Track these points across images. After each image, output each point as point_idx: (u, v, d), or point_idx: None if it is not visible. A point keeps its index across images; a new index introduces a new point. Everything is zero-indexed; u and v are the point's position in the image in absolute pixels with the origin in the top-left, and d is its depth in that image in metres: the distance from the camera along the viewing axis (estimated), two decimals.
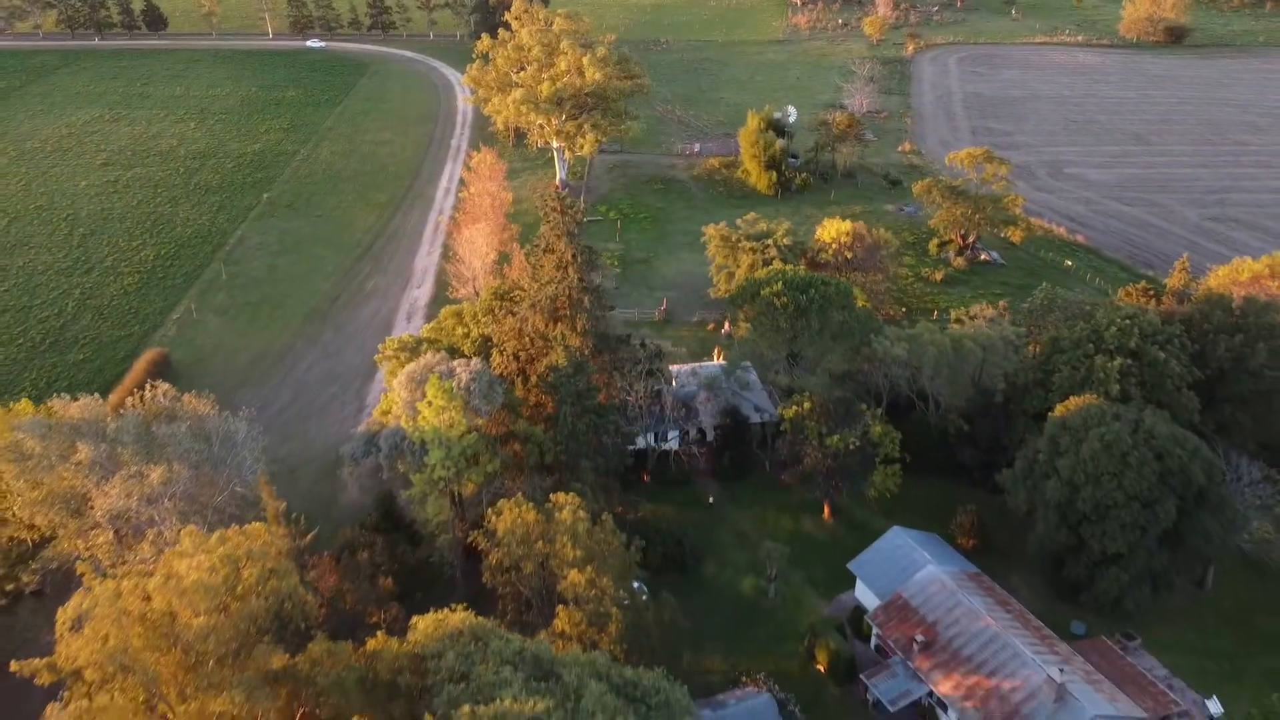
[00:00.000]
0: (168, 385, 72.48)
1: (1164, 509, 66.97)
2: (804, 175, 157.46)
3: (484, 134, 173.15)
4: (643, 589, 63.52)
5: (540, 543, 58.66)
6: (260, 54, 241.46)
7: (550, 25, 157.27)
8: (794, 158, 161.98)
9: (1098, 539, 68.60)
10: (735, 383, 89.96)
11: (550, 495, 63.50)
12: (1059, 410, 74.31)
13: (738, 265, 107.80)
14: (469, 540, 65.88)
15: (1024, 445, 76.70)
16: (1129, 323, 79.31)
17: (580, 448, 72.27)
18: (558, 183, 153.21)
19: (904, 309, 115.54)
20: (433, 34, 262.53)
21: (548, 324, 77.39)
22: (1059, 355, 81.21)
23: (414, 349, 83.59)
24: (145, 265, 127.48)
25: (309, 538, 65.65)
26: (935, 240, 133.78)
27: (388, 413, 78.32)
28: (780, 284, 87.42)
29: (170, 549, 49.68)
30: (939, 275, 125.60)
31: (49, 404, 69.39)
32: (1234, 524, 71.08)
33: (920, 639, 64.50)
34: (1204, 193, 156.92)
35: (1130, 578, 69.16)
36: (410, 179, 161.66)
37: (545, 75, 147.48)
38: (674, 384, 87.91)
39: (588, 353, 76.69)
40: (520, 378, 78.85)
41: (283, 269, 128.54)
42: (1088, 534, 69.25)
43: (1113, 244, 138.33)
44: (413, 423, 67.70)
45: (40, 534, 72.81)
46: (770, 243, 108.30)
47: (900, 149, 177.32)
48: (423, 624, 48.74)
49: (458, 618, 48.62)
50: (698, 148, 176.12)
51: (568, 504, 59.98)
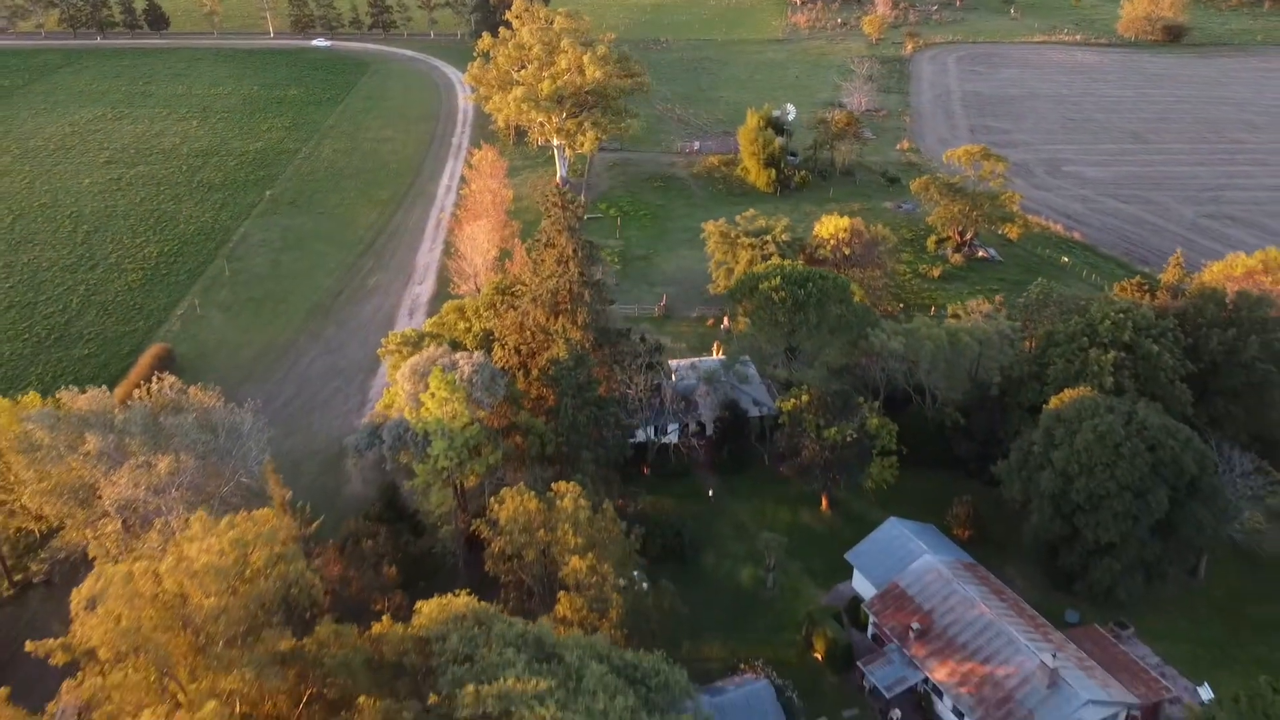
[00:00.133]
0: (174, 378, 73.51)
1: (1156, 499, 67.92)
2: (803, 173, 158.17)
3: (485, 132, 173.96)
4: (642, 578, 64.37)
5: (542, 531, 59.63)
6: (262, 53, 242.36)
7: (551, 24, 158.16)
8: (793, 156, 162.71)
9: (1091, 529, 69.53)
10: (734, 377, 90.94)
11: (551, 485, 64.44)
12: (1053, 403, 75.24)
13: (736, 261, 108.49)
14: (472, 529, 66.85)
15: (1019, 437, 77.50)
16: (1123, 316, 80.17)
17: (581, 439, 73.18)
18: (558, 180, 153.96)
19: (901, 305, 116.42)
20: (433, 33, 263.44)
21: (549, 318, 78.30)
22: (1054, 349, 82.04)
23: (416, 343, 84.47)
24: (149, 262, 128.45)
25: (314, 526, 66.62)
26: (933, 237, 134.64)
27: (390, 406, 79.29)
28: (778, 278, 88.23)
29: (177, 538, 50.60)
30: (936, 271, 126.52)
31: (57, 395, 70.45)
32: (1225, 514, 72.00)
33: (916, 627, 65.49)
34: (1200, 190, 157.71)
35: (1123, 567, 70.11)
36: (412, 176, 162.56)
37: (546, 73, 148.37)
38: (673, 378, 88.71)
39: (588, 346, 77.55)
40: (521, 371, 79.73)
41: (285, 265, 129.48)
42: (1081, 524, 70.17)
43: (1109, 241, 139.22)
44: (416, 414, 68.55)
45: (48, 525, 74.00)
46: (769, 239, 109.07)
47: (899, 147, 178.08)
48: (427, 608, 49.72)
49: (461, 602, 49.59)
50: (697, 146, 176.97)
51: (569, 492, 60.95)
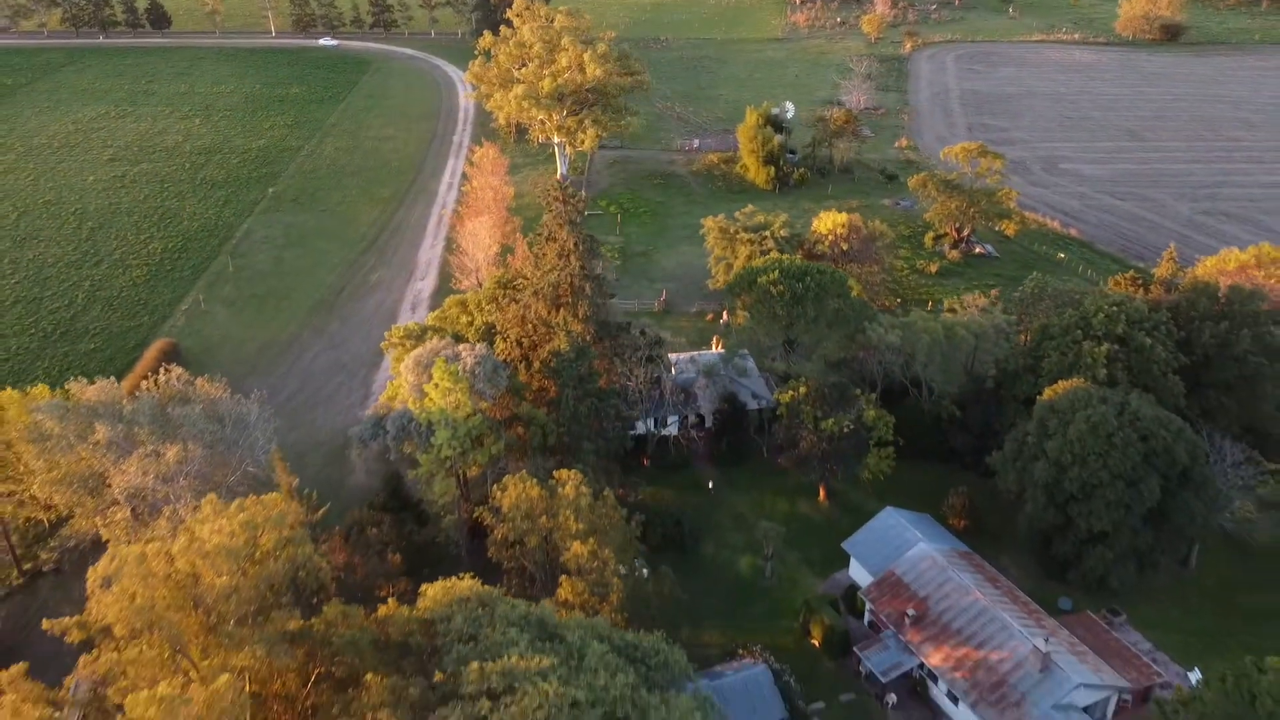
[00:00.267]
0: (181, 369, 74.63)
1: (1148, 488, 68.93)
2: (801, 170, 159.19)
3: (485, 130, 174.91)
4: (642, 565, 65.48)
5: (544, 517, 60.71)
6: (263, 52, 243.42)
7: (551, 22, 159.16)
8: (792, 153, 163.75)
9: (1084, 517, 70.55)
10: (733, 370, 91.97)
11: (553, 473, 65.50)
12: (1047, 394, 76.14)
13: (736, 256, 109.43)
14: (475, 516, 67.95)
15: (1014, 429, 78.52)
16: (1116, 309, 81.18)
17: (582, 430, 74.26)
18: (559, 177, 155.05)
19: (899, 300, 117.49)
20: (434, 32, 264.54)
21: (550, 311, 79.32)
22: (1048, 342, 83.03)
23: (419, 337, 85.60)
24: (153, 258, 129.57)
25: (320, 513, 67.71)
26: (930, 234, 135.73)
27: (393, 399, 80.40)
28: (777, 272, 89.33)
29: (188, 521, 51.66)
30: (934, 267, 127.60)
31: (66, 387, 71.58)
32: (1216, 503, 73.02)
33: (911, 613, 66.56)
34: (1196, 187, 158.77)
35: (1116, 555, 71.12)
36: (413, 174, 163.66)
37: (547, 71, 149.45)
38: (673, 371, 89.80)
39: (589, 339, 78.58)
40: (523, 363, 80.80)
41: (288, 262, 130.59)
42: (1075, 513, 71.21)
43: (1105, 237, 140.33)
44: (420, 405, 69.67)
45: (57, 514, 75.18)
46: (768, 234, 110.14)
47: (897, 145, 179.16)
48: (432, 590, 50.80)
49: (465, 585, 50.68)
50: (697, 143, 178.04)
51: (570, 479, 62.04)
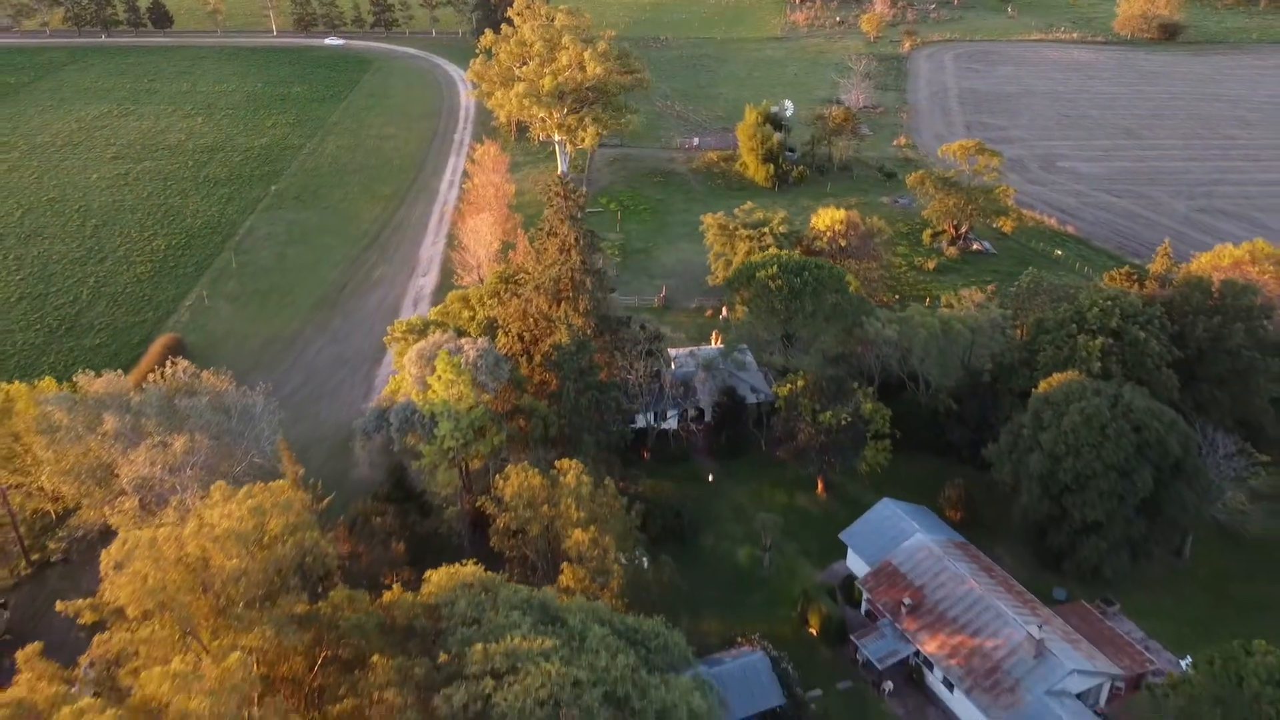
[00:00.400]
0: (187, 362, 75.60)
1: (1141, 478, 69.90)
2: (800, 168, 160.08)
3: (486, 129, 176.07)
4: (642, 554, 66.43)
5: (545, 506, 61.67)
6: (265, 51, 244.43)
7: (552, 21, 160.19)
8: (791, 151, 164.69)
9: (1078, 508, 71.50)
10: (732, 364, 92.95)
11: (554, 463, 66.47)
12: (1042, 386, 77.20)
13: (735, 253, 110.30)
14: (478, 505, 68.91)
15: (1009, 422, 79.49)
16: (1110, 304, 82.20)
17: (583, 422, 75.22)
18: (559, 175, 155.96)
19: (897, 296, 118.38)
20: (435, 31, 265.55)
21: (551, 305, 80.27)
22: (1043, 335, 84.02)
23: (422, 331, 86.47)
24: (157, 255, 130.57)
25: (325, 502, 68.67)
26: (929, 231, 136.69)
27: (396, 393, 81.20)
28: (775, 267, 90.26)
29: (197, 508, 52.63)
30: (931, 264, 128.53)
31: (74, 379, 72.59)
32: (1208, 493, 74.05)
33: (908, 602, 67.54)
34: (1193, 185, 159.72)
35: (1109, 545, 72.06)
36: (415, 172, 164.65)
37: (547, 70, 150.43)
38: (673, 366, 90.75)
39: (590, 333, 79.55)
40: (525, 357, 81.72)
41: (291, 258, 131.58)
42: (1069, 503, 72.13)
43: (1102, 234, 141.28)
44: (423, 396, 70.63)
45: (64, 505, 76.22)
46: (766, 230, 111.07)
47: (896, 143, 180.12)
48: (436, 576, 51.83)
49: (469, 570, 51.68)
50: (696, 141, 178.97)
51: (572, 468, 63.02)
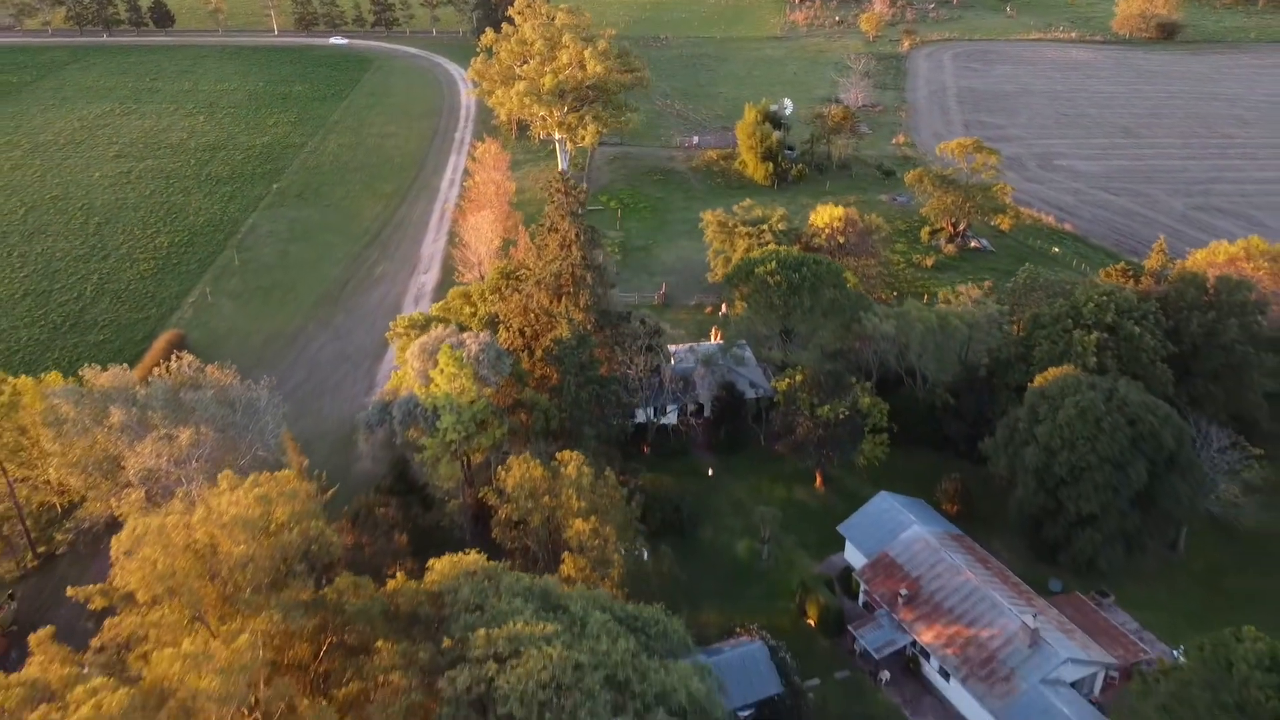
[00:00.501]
0: (191, 356, 76.40)
1: (1135, 471, 70.70)
2: (800, 167, 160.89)
3: (487, 127, 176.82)
4: (642, 544, 67.24)
5: (547, 497, 62.48)
6: (266, 50, 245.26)
7: (552, 20, 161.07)
8: (790, 150, 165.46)
9: (1073, 501, 72.29)
10: (731, 359, 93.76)
11: (555, 455, 67.26)
12: (1038, 380, 77.95)
13: (734, 250, 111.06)
14: (479, 498, 69.71)
15: (1006, 416, 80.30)
16: (1106, 299, 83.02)
17: (583, 415, 76.02)
18: (560, 172, 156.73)
19: (895, 292, 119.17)
20: (435, 30, 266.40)
21: (552, 300, 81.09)
22: (1040, 330, 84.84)
23: (424, 326, 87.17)
24: (160, 252, 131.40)
25: (329, 494, 69.42)
26: (927, 228, 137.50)
27: (398, 388, 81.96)
28: (774, 263, 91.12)
29: (204, 496, 53.40)
30: (929, 261, 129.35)
31: (80, 373, 73.40)
32: (1202, 486, 74.79)
33: (904, 593, 68.35)
34: (1190, 183, 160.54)
35: (1104, 537, 72.82)
36: (415, 170, 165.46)
37: (548, 68, 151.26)
38: (672, 361, 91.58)
39: (590, 327, 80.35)
40: (526, 352, 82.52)
41: (293, 255, 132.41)
42: (1064, 496, 72.93)
43: (1099, 232, 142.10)
44: (425, 390, 71.44)
45: (70, 498, 77.03)
46: (766, 228, 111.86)
47: (894, 142, 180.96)
48: (439, 565, 52.65)
49: (471, 559, 52.49)
50: (696, 140, 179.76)
51: (573, 459, 63.82)
